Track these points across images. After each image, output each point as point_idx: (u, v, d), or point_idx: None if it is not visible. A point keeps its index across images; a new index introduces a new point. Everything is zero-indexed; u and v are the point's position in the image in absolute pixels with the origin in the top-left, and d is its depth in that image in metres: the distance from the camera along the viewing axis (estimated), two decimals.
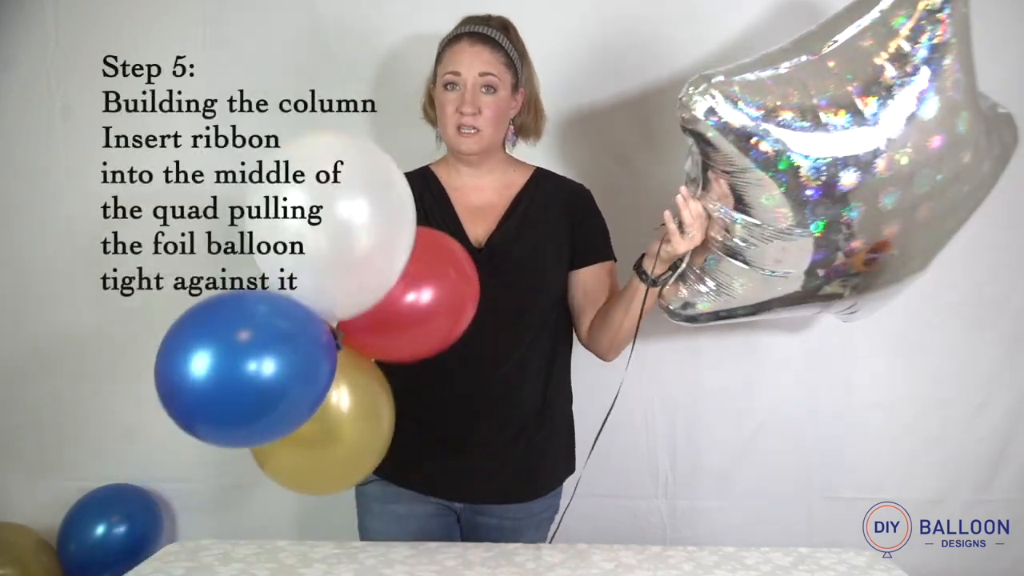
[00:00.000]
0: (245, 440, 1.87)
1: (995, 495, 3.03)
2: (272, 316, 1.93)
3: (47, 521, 3.06)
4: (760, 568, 2.06)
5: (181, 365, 1.79)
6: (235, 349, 1.79)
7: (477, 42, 2.35)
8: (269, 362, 1.76)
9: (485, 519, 2.42)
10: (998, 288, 2.97)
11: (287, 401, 1.76)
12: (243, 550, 2.10)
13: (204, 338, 1.85)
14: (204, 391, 1.76)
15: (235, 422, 1.78)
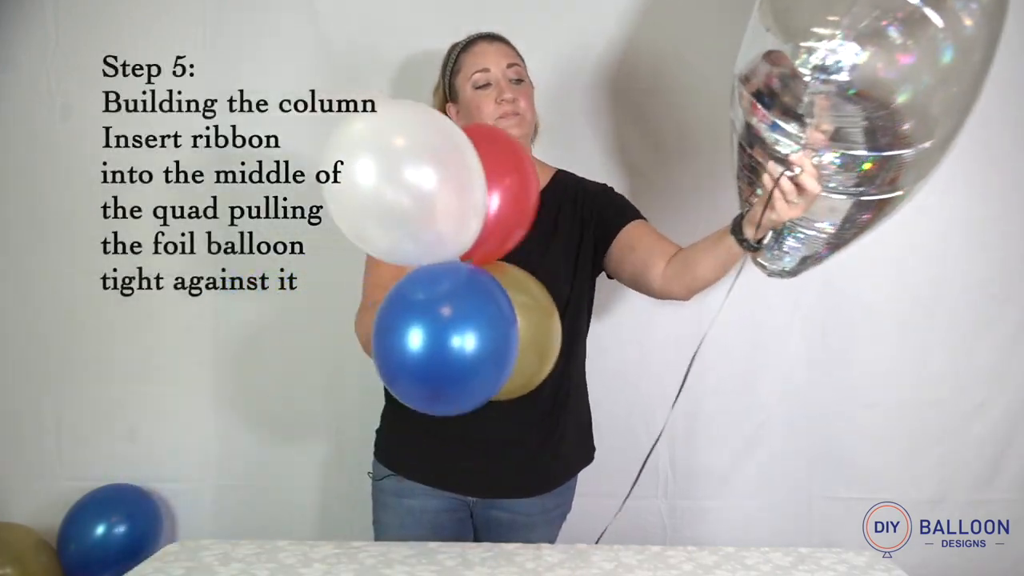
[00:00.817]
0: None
1: (995, 495, 3.03)
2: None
3: (47, 521, 3.06)
4: (760, 568, 2.06)
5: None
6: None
7: (494, 41, 2.42)
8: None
9: (498, 513, 2.43)
10: (998, 289, 2.97)
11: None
12: (243, 550, 2.10)
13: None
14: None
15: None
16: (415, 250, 1.86)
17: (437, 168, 1.78)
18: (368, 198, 1.84)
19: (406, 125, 1.91)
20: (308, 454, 3.07)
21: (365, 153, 1.87)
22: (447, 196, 1.79)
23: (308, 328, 3.07)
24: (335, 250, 2.45)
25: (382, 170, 1.83)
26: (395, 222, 1.81)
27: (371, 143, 1.88)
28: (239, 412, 3.10)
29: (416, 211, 1.78)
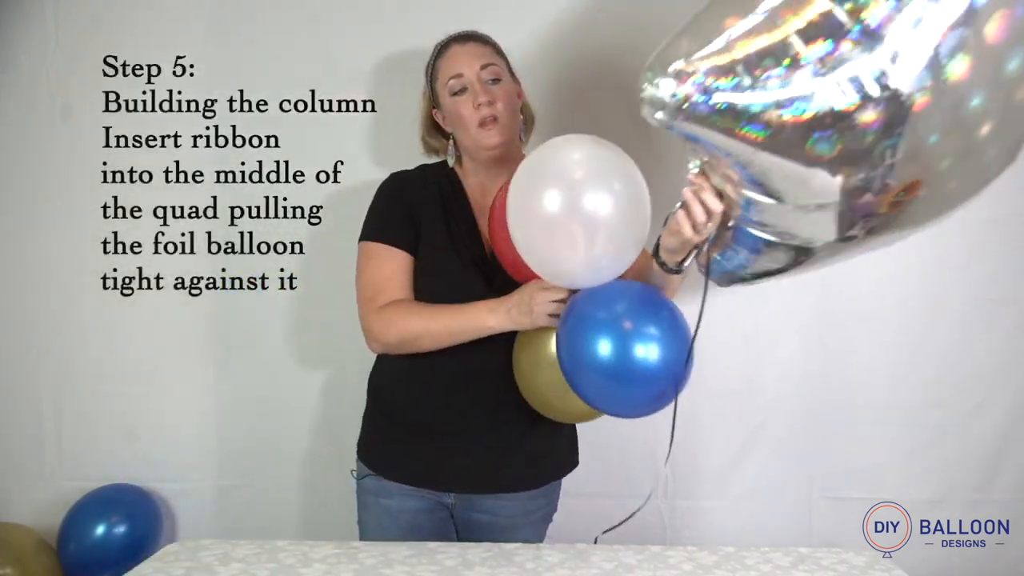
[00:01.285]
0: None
1: (995, 495, 3.03)
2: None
3: (47, 521, 3.05)
4: (760, 568, 2.06)
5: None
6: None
7: (465, 41, 2.40)
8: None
9: (478, 515, 2.42)
10: (998, 289, 2.97)
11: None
12: (243, 550, 2.10)
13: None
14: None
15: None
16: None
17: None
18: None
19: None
20: (308, 454, 3.07)
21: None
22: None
23: (308, 328, 3.07)
24: (335, 250, 2.45)
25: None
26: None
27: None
28: (239, 412, 3.09)
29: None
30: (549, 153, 2.05)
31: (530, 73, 2.59)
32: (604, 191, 1.95)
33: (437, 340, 2.23)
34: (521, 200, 2.02)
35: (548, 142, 2.07)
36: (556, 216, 1.94)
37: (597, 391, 2.07)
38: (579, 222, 1.93)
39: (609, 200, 1.95)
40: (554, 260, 2.01)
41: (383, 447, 2.42)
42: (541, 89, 2.75)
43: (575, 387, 2.06)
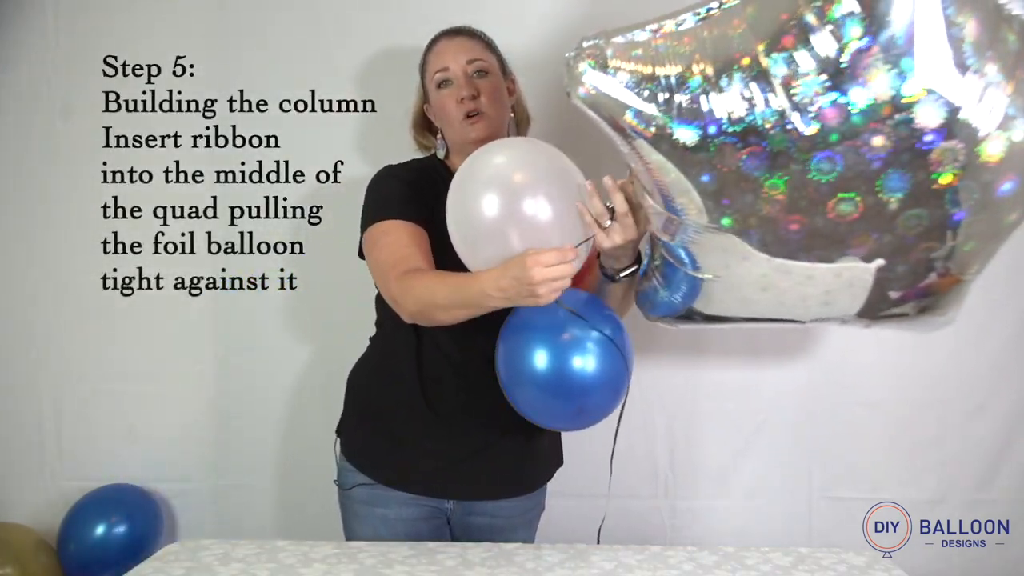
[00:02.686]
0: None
1: (995, 495, 3.03)
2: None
3: (47, 521, 3.05)
4: (760, 568, 2.06)
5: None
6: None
7: (454, 36, 2.41)
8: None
9: (476, 518, 2.41)
10: (998, 289, 2.96)
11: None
12: (243, 550, 2.10)
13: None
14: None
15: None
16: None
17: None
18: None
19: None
20: (308, 454, 3.06)
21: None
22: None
23: (308, 328, 3.07)
24: (335, 250, 2.45)
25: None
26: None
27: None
28: (239, 412, 3.09)
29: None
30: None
31: (526, 72, 2.59)
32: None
33: (448, 311, 2.08)
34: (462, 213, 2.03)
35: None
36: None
37: (528, 403, 2.12)
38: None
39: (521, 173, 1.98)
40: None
41: (380, 453, 2.39)
42: (538, 88, 2.74)
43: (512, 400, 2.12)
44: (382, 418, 2.38)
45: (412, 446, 2.34)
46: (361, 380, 2.49)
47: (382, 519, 2.35)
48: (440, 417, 2.31)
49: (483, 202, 1.94)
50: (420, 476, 2.34)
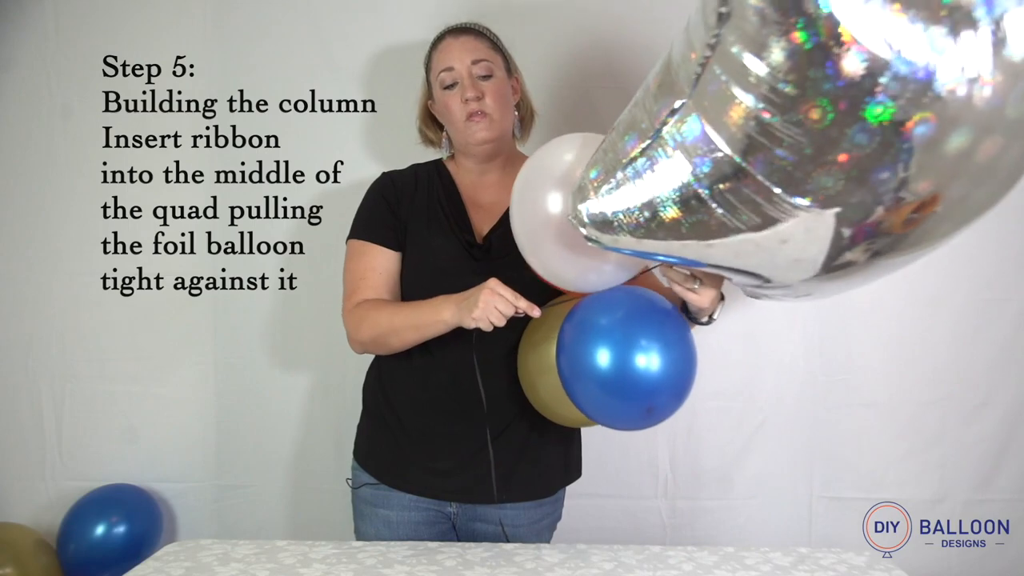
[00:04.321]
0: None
1: (995, 495, 3.03)
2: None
3: (47, 521, 3.06)
4: (760, 568, 2.06)
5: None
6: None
7: (460, 34, 2.38)
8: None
9: (482, 525, 2.38)
10: (998, 289, 2.97)
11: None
12: (242, 550, 2.10)
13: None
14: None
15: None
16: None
17: None
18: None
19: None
20: (308, 454, 3.07)
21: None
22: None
23: (308, 328, 3.07)
24: (335, 250, 2.44)
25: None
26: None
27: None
28: (239, 412, 3.09)
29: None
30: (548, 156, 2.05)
31: (531, 70, 2.58)
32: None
33: (403, 337, 2.20)
34: (527, 204, 2.03)
35: (545, 146, 2.08)
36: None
37: (591, 401, 2.06)
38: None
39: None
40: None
41: (384, 454, 2.39)
42: (541, 85, 2.74)
43: (571, 395, 2.06)
44: (385, 418, 2.38)
45: (412, 447, 2.34)
46: (369, 379, 2.50)
47: (385, 520, 2.36)
48: (439, 419, 2.31)
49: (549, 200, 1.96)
50: (418, 477, 2.34)
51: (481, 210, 2.40)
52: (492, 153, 2.38)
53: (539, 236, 2.00)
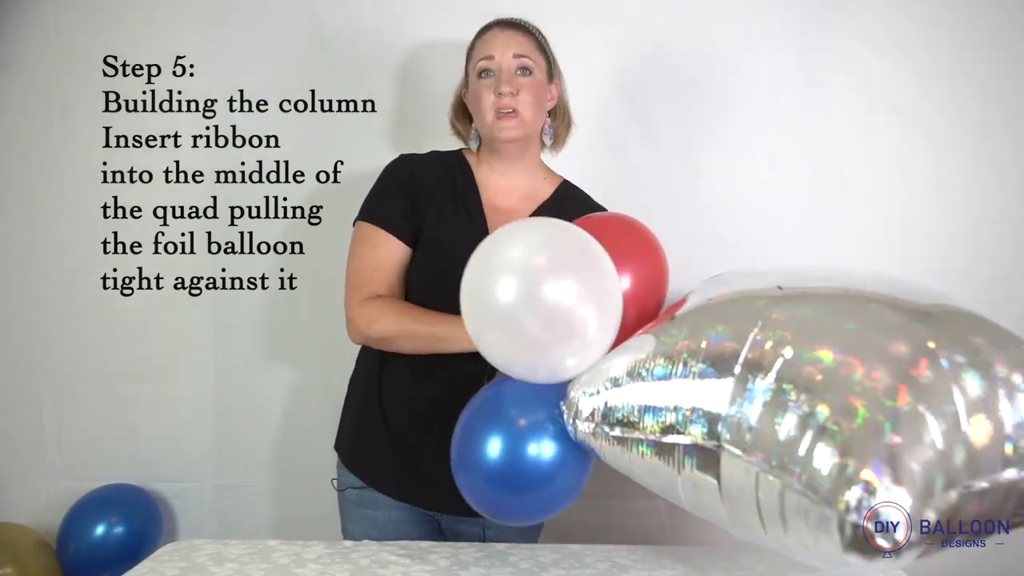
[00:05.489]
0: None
1: None
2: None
3: (47, 521, 3.06)
4: (755, 568, 2.05)
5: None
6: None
7: (508, 27, 2.34)
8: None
9: (467, 527, 2.37)
10: (998, 289, 2.95)
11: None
12: (237, 550, 2.09)
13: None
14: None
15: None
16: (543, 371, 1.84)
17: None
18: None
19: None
20: (309, 454, 3.07)
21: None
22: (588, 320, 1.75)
23: (308, 328, 3.07)
24: (335, 250, 2.43)
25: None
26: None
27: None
28: (239, 412, 3.10)
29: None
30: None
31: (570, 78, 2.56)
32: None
33: (417, 345, 2.19)
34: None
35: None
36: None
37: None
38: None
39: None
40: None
41: (371, 458, 2.38)
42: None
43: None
44: (372, 420, 2.37)
45: (402, 454, 2.33)
46: (361, 378, 2.47)
47: (372, 521, 2.35)
48: (434, 428, 2.27)
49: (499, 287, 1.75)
50: (401, 484, 2.34)
51: (498, 213, 2.36)
52: (518, 153, 2.37)
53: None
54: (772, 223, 2.93)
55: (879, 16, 2.93)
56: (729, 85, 2.97)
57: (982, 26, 2.94)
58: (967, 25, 2.93)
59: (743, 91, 2.97)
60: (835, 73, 2.94)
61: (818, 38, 2.94)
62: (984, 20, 2.93)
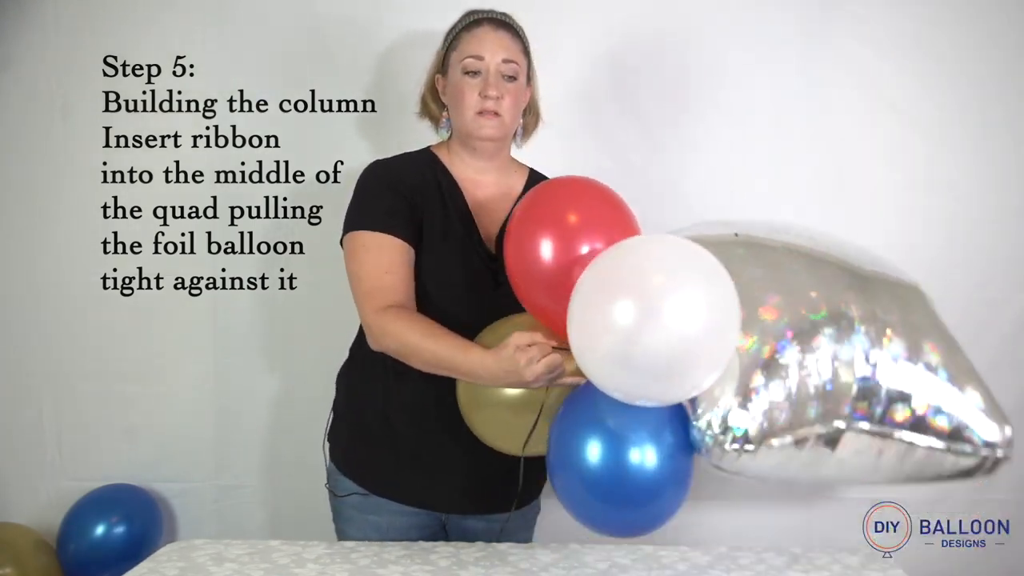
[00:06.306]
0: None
1: (995, 495, 3.02)
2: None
3: (47, 521, 3.07)
4: (755, 568, 2.05)
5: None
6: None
7: (499, 28, 2.30)
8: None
9: (474, 523, 2.36)
10: (998, 289, 2.96)
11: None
12: (236, 550, 2.10)
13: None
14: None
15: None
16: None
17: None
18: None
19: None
20: (309, 454, 3.05)
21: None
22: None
23: (308, 328, 3.07)
24: (335, 250, 2.42)
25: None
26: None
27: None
28: (239, 412, 3.11)
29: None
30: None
31: None
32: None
33: (425, 365, 2.08)
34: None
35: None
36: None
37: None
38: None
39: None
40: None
41: (373, 463, 2.34)
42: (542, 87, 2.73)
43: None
44: (370, 426, 2.34)
45: (402, 457, 2.30)
46: (349, 386, 2.46)
47: (374, 526, 2.31)
48: (432, 428, 2.26)
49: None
50: (413, 488, 2.30)
51: (481, 210, 2.34)
52: (492, 151, 2.35)
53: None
54: None
55: (879, 16, 2.94)
56: (729, 85, 2.97)
57: (982, 26, 2.94)
58: (967, 25, 2.94)
59: (743, 91, 2.97)
60: (835, 73, 2.94)
61: (818, 38, 2.95)
62: (984, 20, 2.94)
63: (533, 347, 1.86)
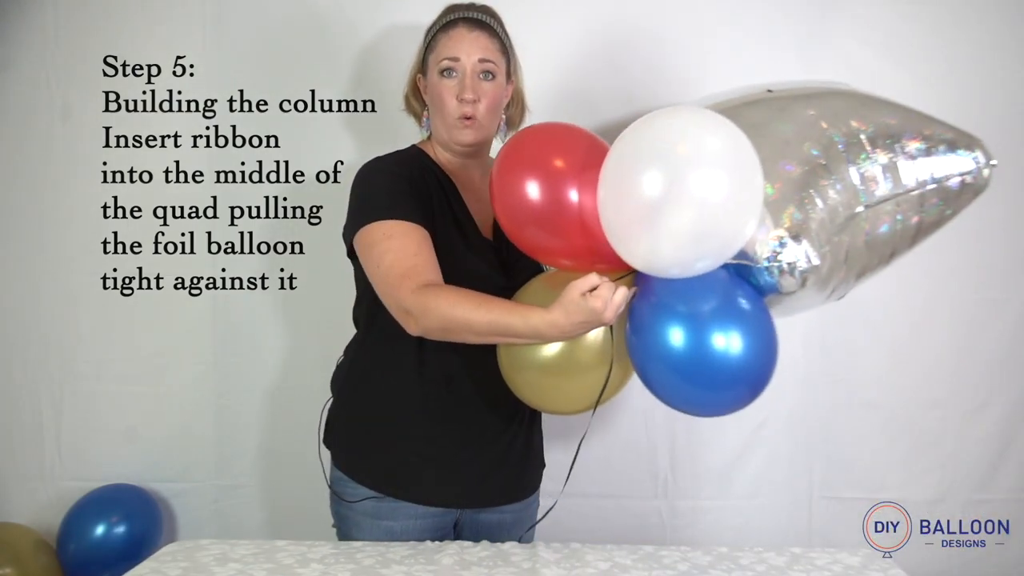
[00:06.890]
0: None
1: (995, 495, 3.03)
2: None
3: (47, 521, 3.07)
4: (755, 568, 2.05)
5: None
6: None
7: (475, 28, 2.30)
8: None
9: (486, 516, 2.36)
10: (997, 289, 2.97)
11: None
12: (240, 550, 2.10)
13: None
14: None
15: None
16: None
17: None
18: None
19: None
20: (309, 454, 3.06)
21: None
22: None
23: (308, 328, 3.07)
24: (335, 250, 2.42)
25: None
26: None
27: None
28: (239, 412, 3.10)
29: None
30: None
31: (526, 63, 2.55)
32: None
33: (478, 336, 2.03)
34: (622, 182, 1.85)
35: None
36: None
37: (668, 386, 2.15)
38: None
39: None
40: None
41: (391, 465, 2.30)
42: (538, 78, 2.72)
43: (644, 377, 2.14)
44: (381, 428, 2.31)
45: (418, 456, 2.28)
46: (351, 389, 2.44)
47: (387, 532, 2.27)
48: (447, 423, 2.27)
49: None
50: (432, 486, 2.28)
51: (473, 201, 2.35)
52: (473, 153, 2.36)
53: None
54: None
55: (879, 16, 2.95)
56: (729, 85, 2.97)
57: (982, 26, 2.94)
58: (967, 26, 2.95)
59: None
60: (835, 73, 2.94)
61: (818, 38, 2.95)
62: (984, 20, 2.94)
63: (601, 287, 1.87)
